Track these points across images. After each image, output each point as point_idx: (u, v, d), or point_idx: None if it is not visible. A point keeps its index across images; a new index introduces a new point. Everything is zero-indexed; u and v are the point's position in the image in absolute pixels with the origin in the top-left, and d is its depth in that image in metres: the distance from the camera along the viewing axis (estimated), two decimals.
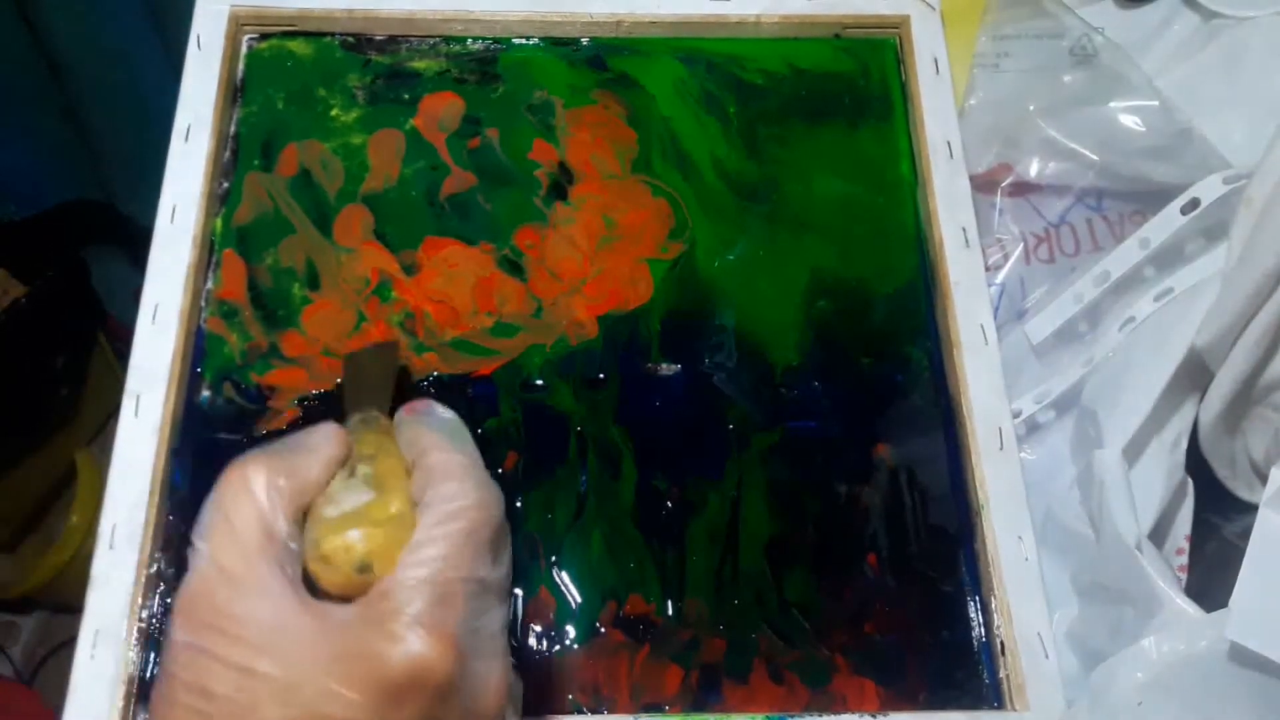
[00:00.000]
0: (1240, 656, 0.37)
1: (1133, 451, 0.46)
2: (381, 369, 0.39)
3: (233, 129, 0.53)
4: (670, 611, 0.45)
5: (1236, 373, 0.45)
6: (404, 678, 0.27)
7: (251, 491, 0.29)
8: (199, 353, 0.49)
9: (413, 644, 0.28)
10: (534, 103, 0.55)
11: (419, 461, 0.32)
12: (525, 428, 0.48)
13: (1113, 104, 0.54)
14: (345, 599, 0.30)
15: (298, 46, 0.55)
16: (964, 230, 0.52)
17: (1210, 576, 0.46)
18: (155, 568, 0.44)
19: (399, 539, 0.30)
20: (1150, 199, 0.53)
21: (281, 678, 0.27)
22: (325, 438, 0.32)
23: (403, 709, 0.27)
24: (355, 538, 0.30)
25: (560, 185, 0.53)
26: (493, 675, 0.30)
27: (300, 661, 0.27)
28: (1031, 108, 0.55)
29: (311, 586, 0.30)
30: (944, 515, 0.48)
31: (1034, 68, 0.57)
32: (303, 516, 0.31)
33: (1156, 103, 0.53)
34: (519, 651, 0.44)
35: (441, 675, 0.28)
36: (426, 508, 0.30)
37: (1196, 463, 0.47)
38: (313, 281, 0.50)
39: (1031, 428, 0.52)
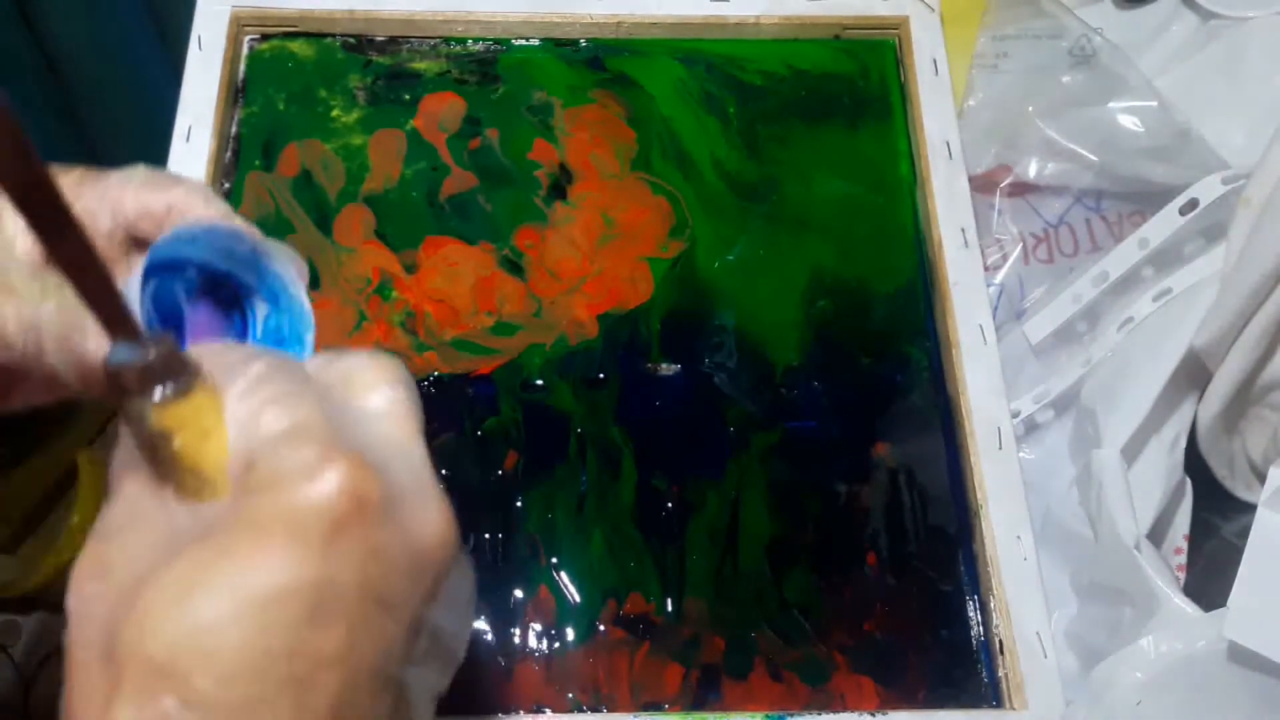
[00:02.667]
0: (1238, 655, 0.37)
1: (1131, 451, 0.46)
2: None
3: (234, 129, 0.53)
4: (670, 610, 0.45)
5: (1235, 373, 0.45)
6: (322, 514, 0.22)
7: None
8: None
9: (312, 467, 0.22)
10: (534, 103, 0.55)
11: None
12: (525, 427, 0.48)
13: (1112, 105, 0.54)
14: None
15: (299, 47, 0.55)
16: (963, 230, 0.52)
17: (1208, 576, 0.46)
18: None
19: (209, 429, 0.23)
20: (1149, 199, 0.53)
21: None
22: None
23: (346, 559, 0.22)
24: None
25: (560, 185, 0.53)
26: (429, 496, 0.25)
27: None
28: (1030, 108, 0.55)
29: None
30: (943, 515, 0.48)
31: (1033, 68, 0.57)
32: None
33: (1155, 103, 0.53)
34: (519, 651, 0.44)
35: (366, 492, 0.22)
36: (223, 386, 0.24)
37: (1195, 462, 0.47)
38: (313, 281, 0.50)
39: (1030, 427, 0.52)
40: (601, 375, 0.49)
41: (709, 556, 0.46)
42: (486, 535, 0.46)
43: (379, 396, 0.26)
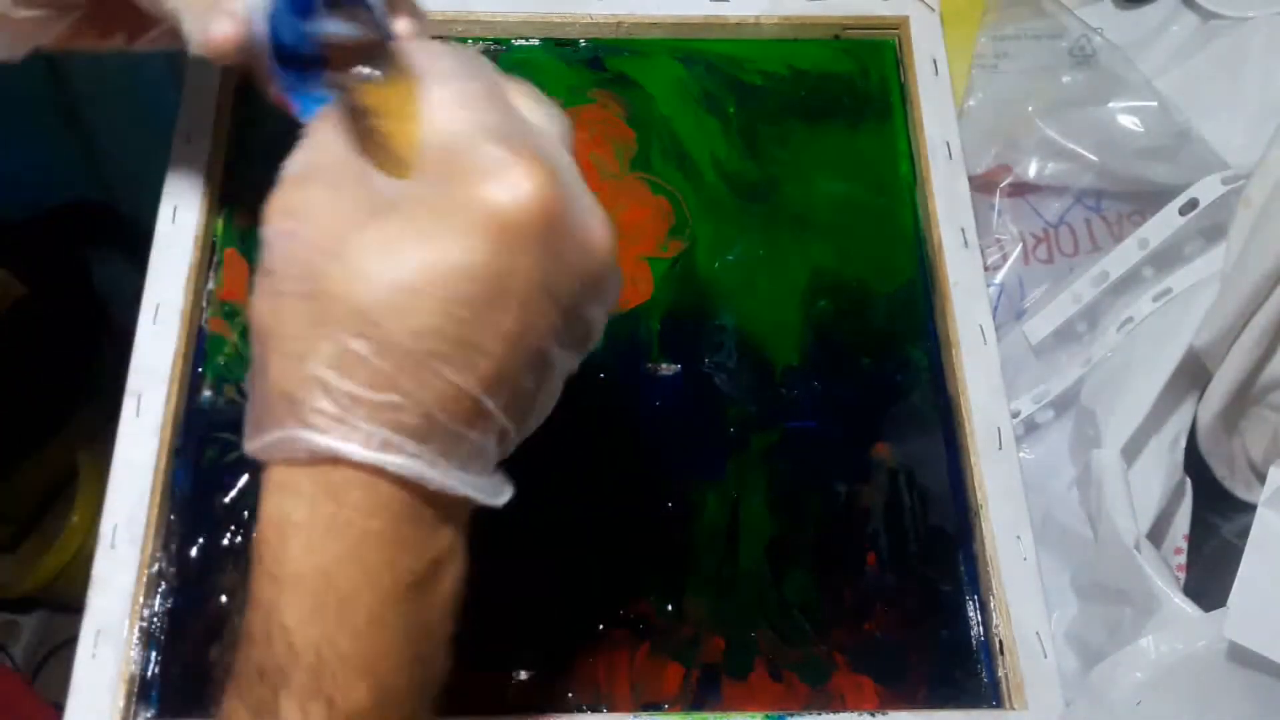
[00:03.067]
0: (1239, 655, 0.37)
1: (1131, 451, 0.46)
2: None
3: (235, 130, 0.53)
4: (670, 610, 0.45)
5: (1235, 373, 0.45)
6: (513, 210, 0.25)
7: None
8: (200, 353, 0.49)
9: (506, 166, 0.25)
10: None
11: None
12: None
13: (1111, 104, 0.54)
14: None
15: None
16: (963, 230, 0.52)
17: (1208, 576, 0.46)
18: (156, 568, 0.44)
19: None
20: (1149, 199, 0.53)
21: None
22: None
23: (528, 253, 0.25)
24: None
25: None
26: (593, 208, 0.28)
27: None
28: (1030, 108, 0.55)
29: None
30: (943, 515, 0.48)
31: (1033, 68, 0.57)
32: None
33: (1155, 103, 0.53)
34: (519, 651, 0.44)
35: (550, 196, 0.25)
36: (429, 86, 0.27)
37: (1195, 462, 0.47)
38: None
39: (1030, 427, 0.52)
40: (602, 376, 0.49)
41: (709, 556, 0.46)
42: (487, 535, 0.46)
43: (542, 112, 0.29)
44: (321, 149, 0.27)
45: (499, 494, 0.29)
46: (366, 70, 0.26)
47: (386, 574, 0.25)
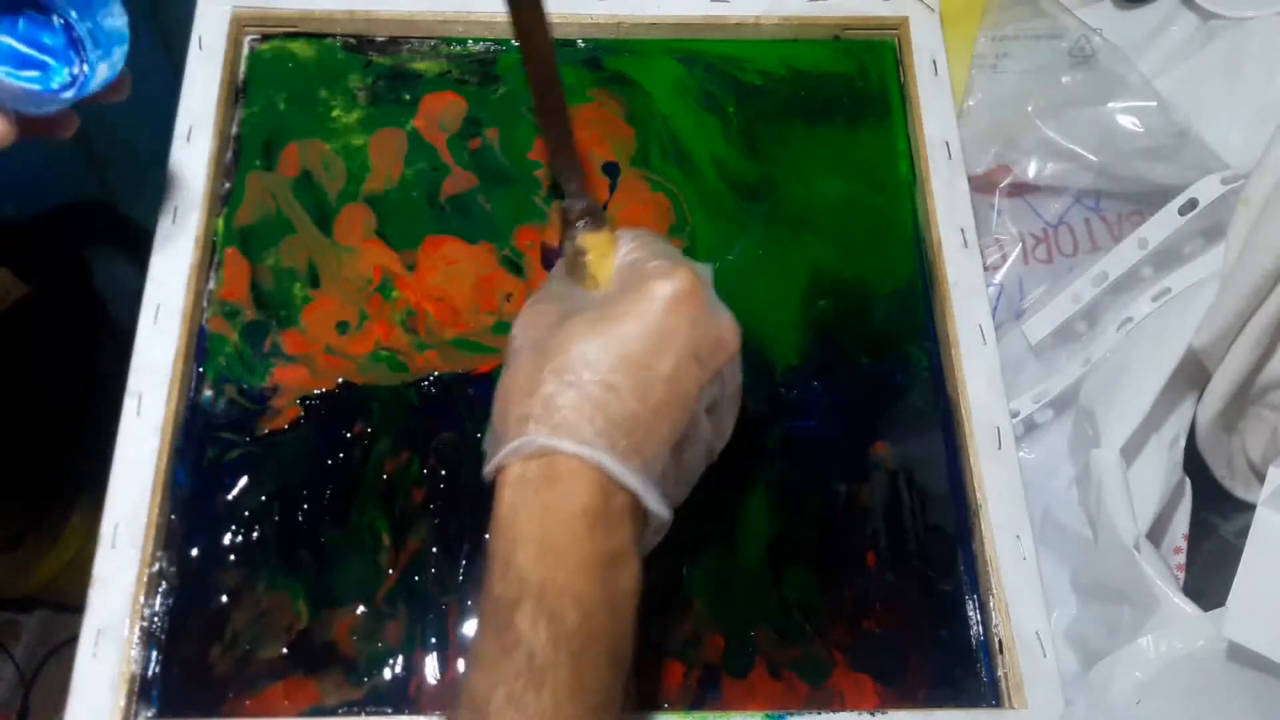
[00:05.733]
0: (1238, 655, 0.37)
1: (1130, 451, 0.46)
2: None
3: (234, 129, 0.53)
4: (670, 609, 0.45)
5: (1234, 372, 0.45)
6: (671, 292, 0.36)
7: None
8: (201, 352, 0.49)
9: (667, 270, 0.37)
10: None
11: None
12: None
13: (1111, 105, 0.54)
14: None
15: (299, 48, 0.55)
16: (962, 231, 0.52)
17: (1208, 575, 0.46)
18: (157, 567, 0.44)
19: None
20: (1148, 199, 0.53)
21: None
22: None
23: (680, 322, 0.36)
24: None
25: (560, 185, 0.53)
26: (725, 310, 0.39)
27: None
28: (1030, 108, 0.55)
29: None
30: (943, 514, 0.48)
31: (1032, 69, 0.57)
32: None
33: (1155, 103, 0.53)
34: None
35: (698, 286, 0.36)
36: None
37: (1194, 462, 0.47)
38: (314, 280, 0.50)
39: (1030, 427, 0.52)
40: None
41: (709, 555, 0.47)
42: (486, 535, 0.46)
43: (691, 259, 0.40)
44: (553, 286, 0.40)
45: (663, 508, 0.36)
46: (584, 224, 0.39)
47: (586, 543, 0.34)
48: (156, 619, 0.44)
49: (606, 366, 0.35)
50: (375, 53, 0.56)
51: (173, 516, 0.45)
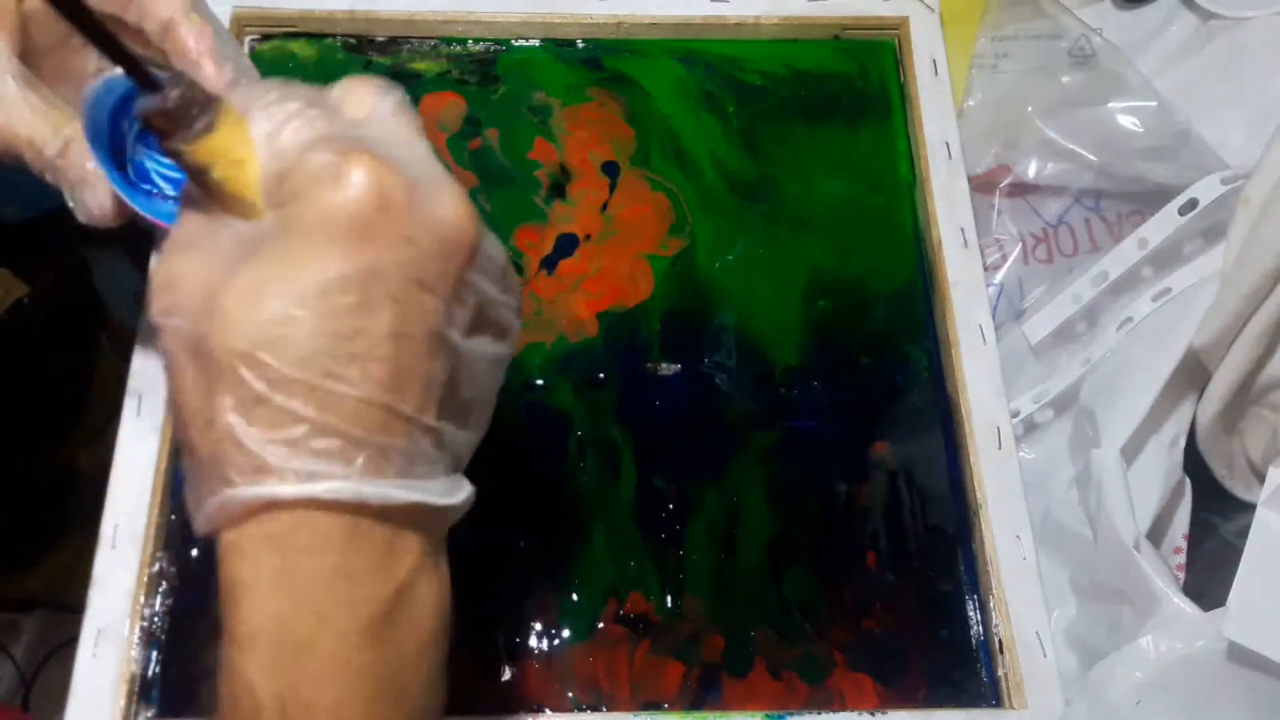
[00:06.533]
0: (1238, 655, 0.37)
1: (1131, 451, 0.46)
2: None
3: None
4: (670, 609, 0.45)
5: (1234, 372, 0.45)
6: (351, 209, 0.25)
7: None
8: None
9: (335, 172, 0.25)
10: (534, 103, 0.55)
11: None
12: (525, 427, 0.48)
13: (1111, 105, 0.54)
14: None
15: (299, 48, 0.55)
16: (962, 230, 0.52)
17: (1208, 575, 0.46)
18: (157, 567, 0.44)
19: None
20: (1148, 199, 0.53)
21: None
22: None
23: (379, 247, 0.25)
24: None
25: (560, 185, 0.53)
26: (440, 182, 0.27)
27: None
28: (1030, 108, 0.55)
29: None
30: (942, 514, 0.48)
31: (1032, 69, 0.57)
32: None
33: (1155, 103, 0.53)
34: (519, 650, 0.44)
35: (384, 184, 0.25)
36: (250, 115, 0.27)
37: (1194, 462, 0.47)
38: None
39: (1030, 427, 0.52)
40: (601, 375, 0.49)
41: (709, 555, 0.47)
42: (486, 535, 0.46)
43: (378, 104, 0.28)
44: (184, 220, 0.28)
45: (453, 494, 0.28)
46: (193, 127, 0.26)
47: (343, 613, 0.25)
48: (156, 619, 0.44)
49: (297, 349, 0.24)
50: (375, 53, 0.56)
51: (173, 516, 0.45)
